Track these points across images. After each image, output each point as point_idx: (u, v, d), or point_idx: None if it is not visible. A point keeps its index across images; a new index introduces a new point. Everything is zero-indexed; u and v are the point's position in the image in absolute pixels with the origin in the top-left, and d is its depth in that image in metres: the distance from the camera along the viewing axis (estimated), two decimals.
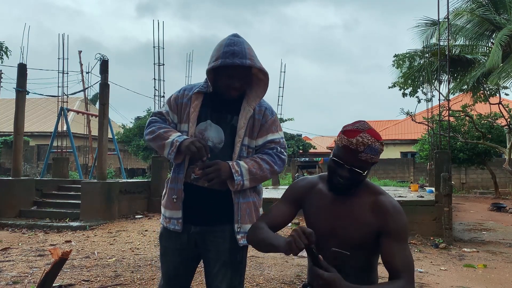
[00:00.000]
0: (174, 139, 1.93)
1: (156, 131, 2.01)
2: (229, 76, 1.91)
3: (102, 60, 10.06)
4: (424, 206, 7.37)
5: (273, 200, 9.06)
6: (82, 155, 18.38)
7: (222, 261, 1.98)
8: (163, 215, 2.08)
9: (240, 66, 1.89)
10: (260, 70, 1.97)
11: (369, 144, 1.57)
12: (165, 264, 2.09)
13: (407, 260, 1.58)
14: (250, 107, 1.99)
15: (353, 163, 1.59)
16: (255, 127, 2.00)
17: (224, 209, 1.98)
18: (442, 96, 10.38)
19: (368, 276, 1.72)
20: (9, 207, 8.79)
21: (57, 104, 13.53)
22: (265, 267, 4.92)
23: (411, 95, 16.84)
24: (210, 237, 1.99)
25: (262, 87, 2.02)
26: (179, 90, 2.10)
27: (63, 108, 13.42)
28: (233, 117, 1.99)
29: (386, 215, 1.62)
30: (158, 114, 2.10)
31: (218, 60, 1.89)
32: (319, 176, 1.84)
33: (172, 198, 2.00)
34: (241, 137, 1.96)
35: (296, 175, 18.70)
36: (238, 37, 1.96)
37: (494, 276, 4.97)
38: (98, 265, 4.97)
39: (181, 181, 1.99)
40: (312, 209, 1.77)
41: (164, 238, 2.09)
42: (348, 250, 1.64)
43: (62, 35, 13.73)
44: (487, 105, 15.52)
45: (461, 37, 13.85)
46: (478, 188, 20.22)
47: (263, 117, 2.02)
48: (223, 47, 1.91)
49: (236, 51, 1.88)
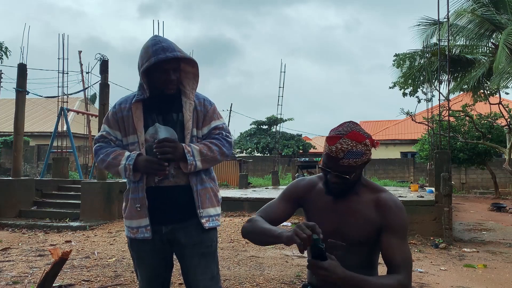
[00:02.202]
0: (125, 164, 1.99)
1: (106, 160, 2.05)
2: (164, 71, 1.99)
3: (102, 60, 10.06)
4: (424, 206, 7.36)
5: None
6: (82, 155, 18.38)
7: (199, 253, 2.05)
8: (128, 227, 2.09)
9: (172, 59, 1.97)
10: (187, 63, 2.07)
11: (348, 149, 1.60)
12: (143, 268, 2.11)
13: (405, 256, 1.64)
14: (190, 100, 2.08)
15: (337, 169, 1.63)
16: (199, 118, 2.11)
17: (190, 203, 2.05)
18: (442, 96, 10.40)
19: (368, 274, 1.74)
20: (9, 207, 8.80)
21: (57, 104, 13.52)
22: (265, 267, 4.91)
23: (411, 95, 16.84)
24: (182, 233, 2.04)
25: (193, 79, 2.11)
26: (113, 106, 2.15)
27: (63, 108, 13.41)
28: (178, 114, 2.07)
29: (388, 211, 1.67)
30: (101, 139, 2.13)
31: (151, 59, 1.96)
32: (319, 176, 1.87)
33: (136, 208, 2.03)
34: (189, 129, 2.07)
35: (296, 175, 18.71)
36: (160, 36, 2.08)
37: (494, 276, 4.96)
38: (98, 265, 4.97)
39: (142, 190, 2.02)
40: (314, 208, 1.79)
41: (136, 245, 2.10)
42: (351, 247, 1.69)
43: (62, 35, 13.74)
44: (487, 105, 15.52)
45: (461, 37, 13.85)
46: (478, 188, 20.22)
47: (204, 107, 2.13)
48: (151, 47, 2.00)
49: (165, 47, 1.98)
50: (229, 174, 20.18)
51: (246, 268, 4.87)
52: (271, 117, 29.81)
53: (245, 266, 4.99)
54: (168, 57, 1.96)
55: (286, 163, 25.04)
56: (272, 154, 25.38)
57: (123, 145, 2.09)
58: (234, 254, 5.58)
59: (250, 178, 19.72)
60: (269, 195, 9.93)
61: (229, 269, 4.80)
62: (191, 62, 2.07)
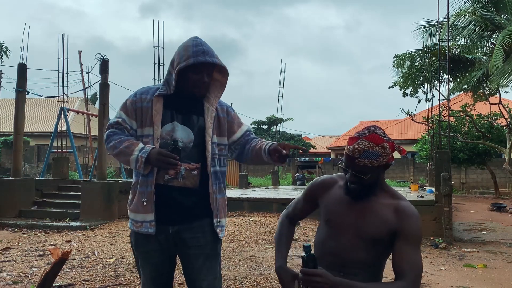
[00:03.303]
0: (138, 155, 1.95)
1: (118, 147, 2.00)
2: (199, 72, 2.00)
3: (102, 60, 10.06)
4: (424, 206, 7.36)
5: (273, 200, 9.06)
6: (82, 155, 18.38)
7: (205, 255, 2.05)
8: (132, 220, 2.07)
9: (210, 64, 2.00)
10: (218, 71, 2.09)
11: (364, 150, 1.66)
12: (147, 267, 2.10)
13: (415, 264, 1.64)
14: (213, 107, 2.10)
15: (353, 168, 1.70)
16: (222, 125, 2.13)
17: (198, 205, 2.05)
18: (442, 96, 10.40)
19: (374, 276, 1.76)
20: (9, 207, 8.80)
21: (57, 104, 13.52)
22: (265, 267, 4.91)
23: (411, 95, 16.84)
24: (188, 234, 2.04)
25: (219, 87, 2.13)
26: (133, 94, 2.11)
27: (63, 108, 13.41)
28: (199, 118, 2.07)
29: (406, 218, 1.70)
30: (116, 125, 2.07)
31: (191, 59, 1.97)
32: (338, 175, 1.92)
33: (142, 202, 2.01)
34: (210, 135, 2.06)
35: (296, 175, 18.72)
36: (201, 39, 2.08)
37: (494, 276, 4.97)
38: (98, 265, 4.97)
39: (151, 184, 2.00)
40: (333, 202, 1.84)
41: (141, 243, 2.08)
42: (364, 243, 1.73)
43: (62, 35, 13.76)
44: (487, 105, 15.52)
45: (461, 37, 13.85)
46: (478, 188, 20.22)
47: (228, 114, 2.16)
48: (191, 47, 2.00)
49: (206, 50, 2.00)
50: (229, 174, 20.18)
51: (246, 268, 4.87)
52: (271, 117, 29.83)
53: (245, 266, 4.99)
54: (207, 61, 1.97)
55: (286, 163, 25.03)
56: None
57: (137, 136, 2.06)
58: (234, 254, 5.58)
59: (250, 178, 19.74)
60: (269, 195, 9.93)
61: (229, 269, 4.80)
62: (223, 70, 2.09)
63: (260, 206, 8.65)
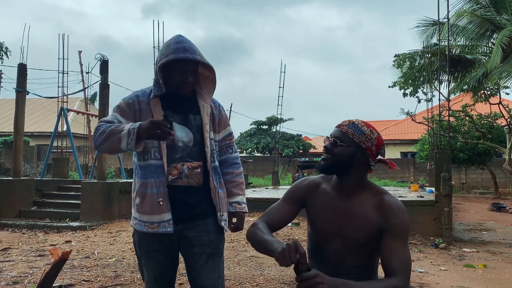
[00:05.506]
0: (130, 128, 1.85)
1: (107, 129, 1.90)
2: (182, 71, 2.01)
3: (102, 60, 10.06)
4: (424, 206, 7.36)
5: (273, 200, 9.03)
6: (82, 155, 18.37)
7: (208, 253, 2.06)
8: (146, 222, 2.02)
9: (191, 61, 2.00)
10: (206, 68, 2.11)
11: (354, 122, 1.74)
12: (150, 267, 2.09)
13: (404, 259, 1.61)
14: (207, 104, 2.13)
15: (335, 134, 1.75)
16: (215, 122, 2.18)
17: (202, 202, 2.07)
18: (442, 96, 10.39)
19: (369, 274, 1.75)
20: (9, 207, 8.79)
21: (57, 104, 13.52)
22: (265, 267, 4.91)
23: (412, 95, 16.84)
24: (192, 232, 2.05)
25: (211, 84, 2.15)
26: (129, 97, 2.08)
27: (63, 108, 13.40)
28: (195, 117, 2.10)
29: (390, 213, 1.67)
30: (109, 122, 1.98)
31: (170, 56, 1.97)
32: (322, 177, 1.87)
33: (158, 202, 1.99)
34: (208, 132, 2.10)
35: (296, 175, 18.71)
36: (184, 36, 2.08)
37: (494, 276, 4.97)
38: (98, 265, 4.97)
39: (163, 185, 2.00)
40: (317, 209, 1.79)
41: (145, 243, 2.07)
42: (351, 249, 1.69)
43: (62, 35, 13.74)
44: (487, 105, 15.52)
45: (461, 37, 13.86)
46: (478, 188, 20.21)
47: (219, 112, 2.21)
48: (172, 45, 2.01)
49: (187, 47, 2.00)
50: None
51: (246, 268, 4.87)
52: (271, 117, 29.78)
53: (245, 266, 4.99)
54: (187, 58, 1.97)
55: (286, 163, 25.04)
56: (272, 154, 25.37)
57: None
58: (234, 254, 5.58)
59: (250, 178, 19.71)
60: (269, 195, 9.94)
61: (229, 269, 4.80)
62: (208, 67, 2.10)
63: (260, 206, 8.64)
